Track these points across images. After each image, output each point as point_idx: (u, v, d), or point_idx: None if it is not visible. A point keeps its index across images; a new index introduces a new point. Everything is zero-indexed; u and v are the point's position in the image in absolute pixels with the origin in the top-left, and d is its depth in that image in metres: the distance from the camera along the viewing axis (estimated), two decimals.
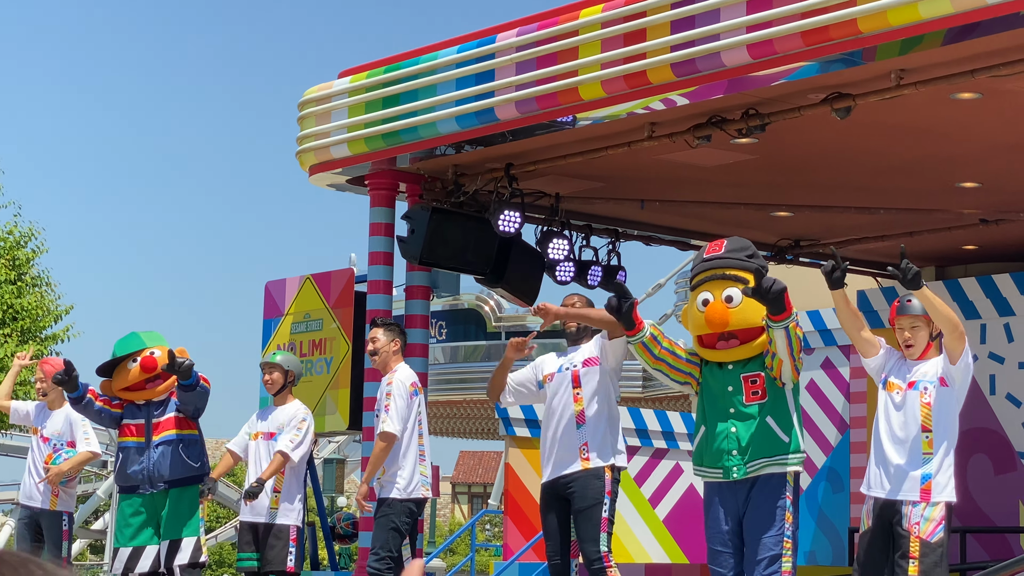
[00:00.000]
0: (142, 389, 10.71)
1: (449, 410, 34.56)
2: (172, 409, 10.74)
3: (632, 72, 8.94)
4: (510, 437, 13.93)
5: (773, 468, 8.01)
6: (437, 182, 11.17)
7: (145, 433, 10.71)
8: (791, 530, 7.97)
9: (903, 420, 8.06)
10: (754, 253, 8.13)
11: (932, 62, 8.26)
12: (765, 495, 8.00)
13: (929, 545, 7.92)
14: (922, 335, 8.12)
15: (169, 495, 10.57)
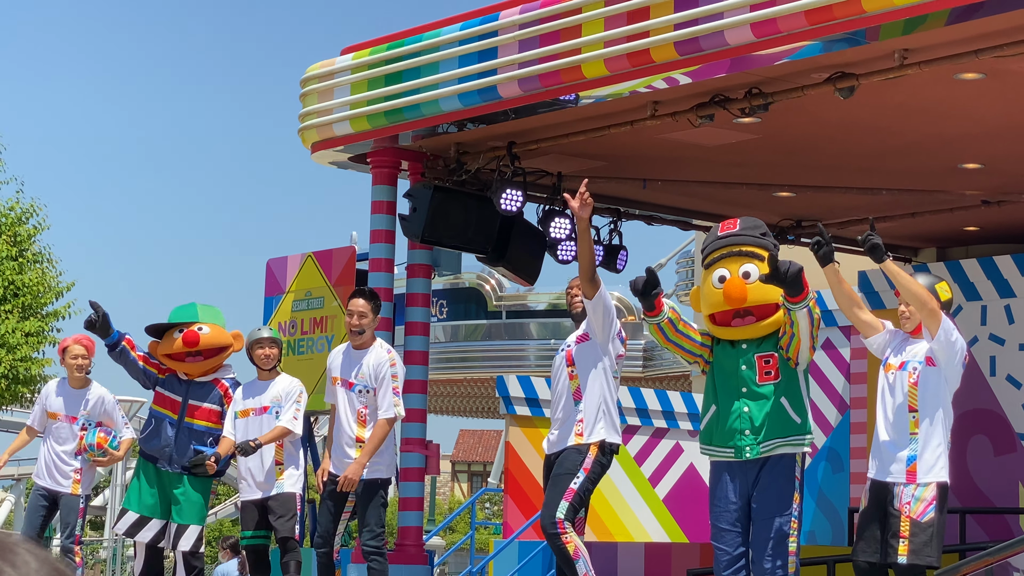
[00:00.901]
0: (182, 361, 10.84)
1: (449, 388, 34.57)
2: (214, 401, 10.79)
3: (635, 50, 8.93)
4: (510, 415, 13.95)
5: (786, 448, 8.05)
6: (439, 160, 11.16)
7: (179, 411, 10.78)
8: (798, 511, 8.00)
9: (893, 401, 8.17)
10: (767, 232, 8.21)
11: (936, 42, 8.24)
12: (775, 475, 8.04)
13: (919, 525, 8.02)
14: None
15: (184, 480, 10.67)
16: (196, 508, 10.74)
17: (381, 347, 9.72)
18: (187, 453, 10.66)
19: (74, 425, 11.72)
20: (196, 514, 10.73)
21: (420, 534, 11.28)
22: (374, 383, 9.60)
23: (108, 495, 40.79)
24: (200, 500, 10.77)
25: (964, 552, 11.41)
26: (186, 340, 10.72)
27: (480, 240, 11.26)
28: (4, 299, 24.09)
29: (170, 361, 10.88)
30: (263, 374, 10.70)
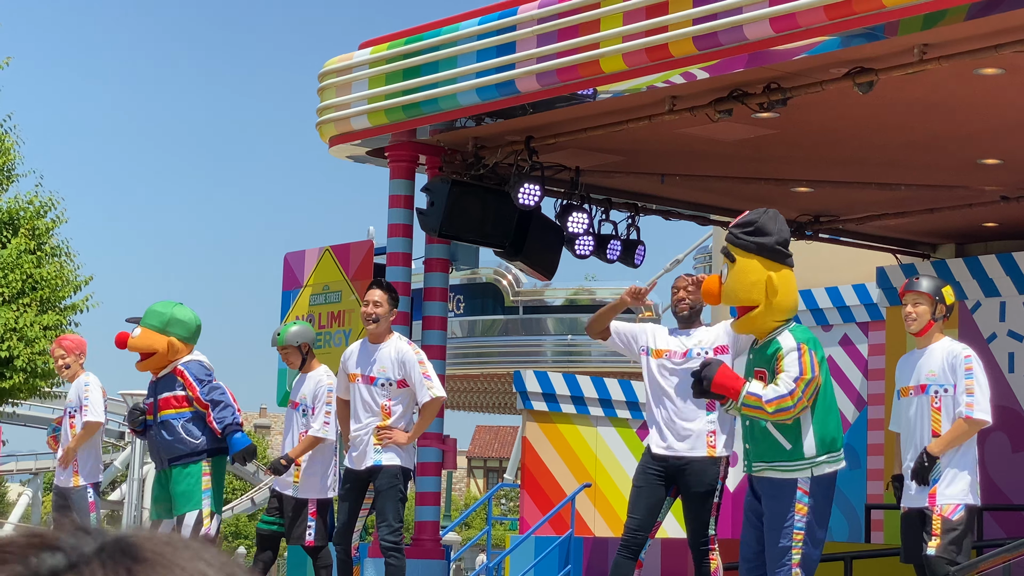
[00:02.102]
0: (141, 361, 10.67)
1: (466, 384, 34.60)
2: (172, 388, 10.63)
3: (654, 45, 8.91)
4: (527, 411, 13.95)
5: (773, 474, 8.02)
6: (457, 154, 11.16)
7: (153, 411, 10.75)
8: (803, 520, 7.93)
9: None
10: (757, 229, 8.02)
11: (955, 37, 8.22)
12: (770, 496, 8.06)
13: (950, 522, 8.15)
14: (923, 310, 8.34)
15: (172, 474, 10.54)
16: (186, 496, 10.56)
17: (400, 339, 9.67)
18: (170, 447, 10.47)
19: (65, 417, 11.82)
20: (188, 501, 10.54)
21: (437, 529, 11.29)
22: (398, 375, 9.51)
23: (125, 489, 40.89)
24: (187, 488, 10.50)
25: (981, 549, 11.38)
26: (117, 340, 10.65)
27: (498, 235, 11.25)
28: (22, 293, 24.14)
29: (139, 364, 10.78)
30: (301, 371, 10.79)
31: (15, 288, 23.96)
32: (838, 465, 8.04)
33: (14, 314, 23.84)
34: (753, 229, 8.04)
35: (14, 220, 24.77)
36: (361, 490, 9.59)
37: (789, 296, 8.08)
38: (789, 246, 8.20)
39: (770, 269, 8.02)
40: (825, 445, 7.97)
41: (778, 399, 7.80)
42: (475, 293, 32.33)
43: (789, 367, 7.85)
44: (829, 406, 8.05)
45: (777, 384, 7.83)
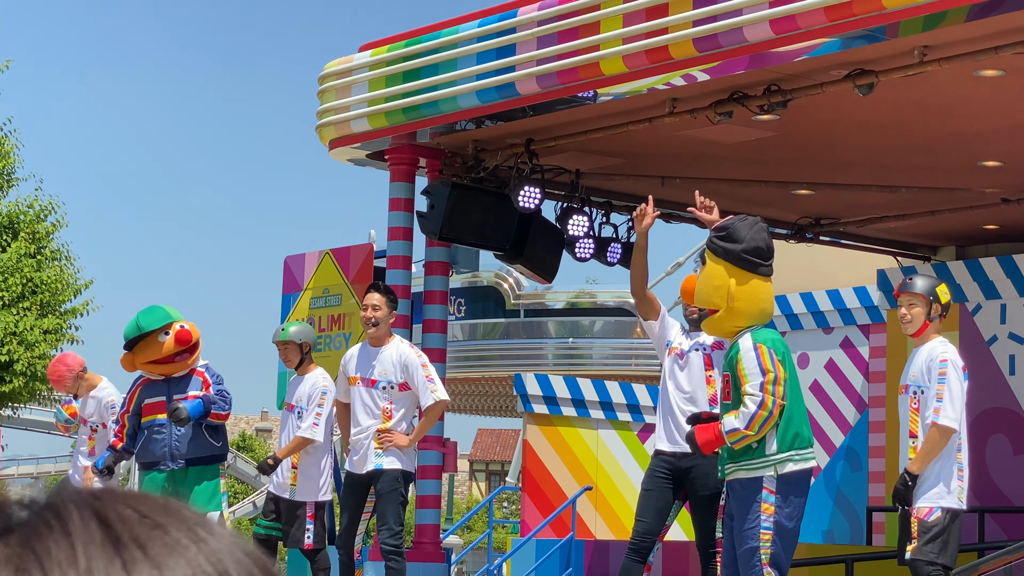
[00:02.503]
0: (170, 363, 10.68)
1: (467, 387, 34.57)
2: (195, 387, 10.71)
3: (654, 47, 8.90)
4: (528, 414, 13.93)
5: (741, 473, 8.04)
6: (457, 157, 11.15)
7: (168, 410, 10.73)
8: (770, 520, 7.93)
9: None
10: (728, 235, 8.13)
11: (955, 39, 8.21)
12: (737, 495, 8.06)
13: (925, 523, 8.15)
14: (918, 312, 8.33)
15: (189, 473, 10.60)
16: (205, 496, 10.64)
17: (401, 342, 9.65)
18: (189, 447, 10.51)
19: (84, 428, 11.83)
20: (209, 501, 10.63)
21: (437, 532, 11.28)
22: (400, 378, 9.50)
23: None
24: (208, 488, 10.63)
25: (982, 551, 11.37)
26: (180, 339, 10.60)
27: (498, 237, 11.24)
28: (22, 296, 24.13)
29: (154, 366, 10.67)
30: (298, 371, 10.78)
31: (15, 292, 23.95)
32: (806, 463, 8.01)
33: (14, 318, 23.83)
34: (725, 235, 8.17)
35: (14, 224, 24.76)
36: (362, 494, 9.58)
37: (752, 304, 8.12)
38: (765, 255, 8.19)
39: (732, 276, 8.11)
40: (787, 443, 7.97)
41: (754, 418, 7.88)
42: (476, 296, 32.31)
43: (750, 371, 7.92)
44: (793, 404, 8.05)
45: (745, 405, 7.91)
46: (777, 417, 7.91)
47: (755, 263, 8.14)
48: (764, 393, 7.85)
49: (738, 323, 8.15)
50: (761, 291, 8.18)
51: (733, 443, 7.94)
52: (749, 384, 7.91)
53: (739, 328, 8.15)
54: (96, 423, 11.82)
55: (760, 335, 8.08)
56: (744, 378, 7.95)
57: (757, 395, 7.87)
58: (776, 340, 8.12)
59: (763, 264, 8.18)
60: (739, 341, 8.06)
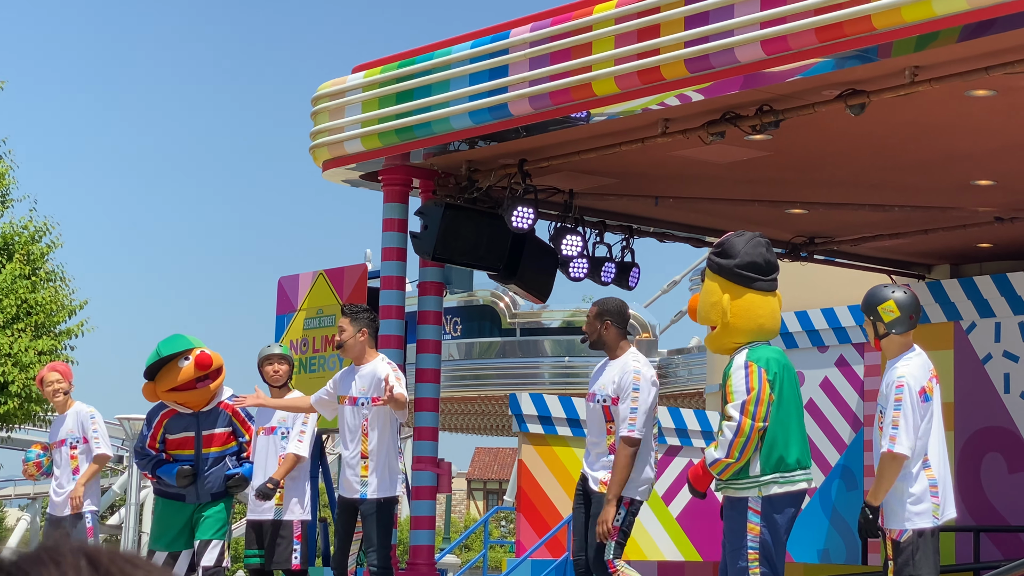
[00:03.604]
0: (191, 389, 10.69)
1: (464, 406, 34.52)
2: (224, 423, 10.81)
3: (646, 68, 8.91)
4: (523, 434, 13.93)
5: (730, 491, 8.08)
6: (450, 178, 11.15)
7: (196, 446, 10.75)
8: (757, 540, 7.94)
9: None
10: (723, 251, 8.22)
11: (947, 59, 8.21)
12: (727, 514, 8.12)
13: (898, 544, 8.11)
14: (870, 332, 8.35)
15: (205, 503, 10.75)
16: (218, 524, 10.74)
17: (382, 360, 9.80)
18: (216, 481, 10.68)
19: (63, 448, 11.77)
20: (218, 530, 10.72)
21: (432, 552, 11.26)
22: (373, 392, 9.67)
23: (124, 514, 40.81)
24: (223, 517, 10.77)
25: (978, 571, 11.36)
26: (200, 363, 10.65)
27: (491, 258, 11.24)
28: (17, 318, 24.13)
29: (175, 394, 10.72)
30: (274, 391, 10.70)
31: (10, 313, 23.95)
32: (793, 486, 7.98)
33: (9, 339, 23.83)
34: (720, 251, 8.24)
35: (9, 245, 24.77)
36: (352, 515, 9.72)
37: (748, 320, 8.13)
38: (763, 269, 8.20)
39: (727, 291, 8.15)
40: (772, 465, 7.95)
41: (732, 445, 7.91)
42: (472, 315, 32.29)
43: (736, 389, 7.97)
44: (783, 426, 8.02)
45: (722, 432, 7.94)
46: (757, 439, 7.91)
47: (750, 278, 8.14)
48: (743, 415, 7.87)
49: (735, 339, 8.14)
50: (758, 306, 8.16)
51: (719, 473, 7.97)
52: (731, 404, 7.95)
53: (737, 344, 8.15)
54: (77, 438, 11.79)
55: (756, 353, 8.07)
56: (730, 395, 7.99)
57: (734, 420, 7.90)
58: (773, 360, 8.09)
59: (760, 279, 8.17)
60: (734, 358, 8.09)
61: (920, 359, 8.14)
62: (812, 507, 14.05)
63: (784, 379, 8.07)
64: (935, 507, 8.07)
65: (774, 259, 8.34)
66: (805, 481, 8.11)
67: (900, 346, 8.20)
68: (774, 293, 8.30)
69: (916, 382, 8.04)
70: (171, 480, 10.69)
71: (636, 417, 8.86)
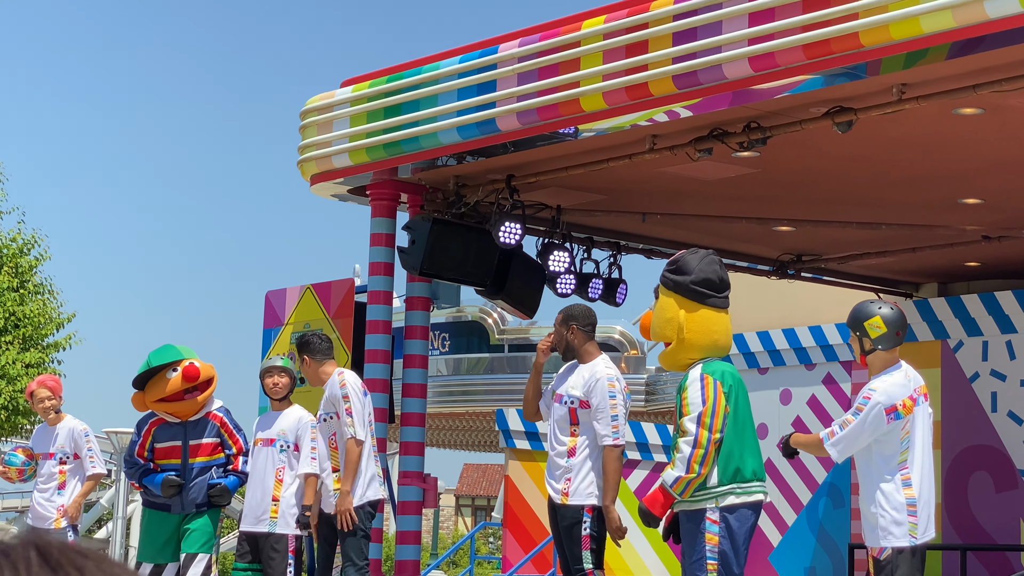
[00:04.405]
0: (180, 400, 10.74)
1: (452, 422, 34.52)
2: (212, 434, 10.80)
3: (634, 84, 8.91)
4: (510, 449, 13.92)
5: (685, 505, 8.11)
6: (438, 193, 11.15)
7: (182, 455, 10.75)
8: (716, 551, 7.95)
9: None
10: (678, 268, 8.29)
11: (935, 77, 8.22)
12: (684, 527, 8.17)
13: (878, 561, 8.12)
14: (856, 348, 8.40)
15: (192, 515, 10.71)
16: (204, 537, 10.72)
17: (339, 374, 9.85)
18: (200, 492, 10.69)
19: (51, 461, 11.73)
20: (205, 543, 10.70)
21: (418, 568, 11.23)
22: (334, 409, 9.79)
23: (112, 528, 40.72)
24: (209, 530, 10.75)
25: None
26: (187, 375, 10.67)
27: (479, 273, 11.24)
28: (5, 330, 24.09)
29: (164, 405, 10.78)
30: (274, 404, 10.75)
31: None
32: (749, 497, 8.01)
33: None
34: (675, 268, 8.29)
35: None
36: (333, 528, 9.75)
37: (702, 336, 8.17)
38: (716, 286, 8.24)
39: (683, 307, 8.20)
40: (729, 476, 7.97)
41: (691, 459, 7.92)
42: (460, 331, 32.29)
43: (692, 401, 8.01)
44: (739, 438, 8.04)
45: (679, 449, 7.97)
46: (715, 450, 7.94)
47: (705, 294, 8.21)
48: (699, 427, 7.91)
49: (690, 355, 8.22)
50: (712, 322, 8.22)
51: (681, 492, 7.97)
52: (687, 417, 7.99)
53: (692, 360, 8.22)
54: (68, 453, 11.76)
55: (710, 366, 8.13)
56: (685, 408, 8.04)
57: (690, 434, 7.93)
58: (727, 372, 8.14)
59: (714, 296, 8.24)
60: (689, 372, 8.13)
61: (901, 376, 8.21)
62: (799, 525, 14.04)
63: (739, 393, 8.12)
64: (912, 526, 8.09)
65: (727, 276, 8.43)
66: (761, 493, 8.13)
67: (885, 362, 8.26)
68: (726, 310, 8.36)
69: (888, 399, 8.10)
70: (156, 490, 10.67)
71: (618, 424, 8.86)
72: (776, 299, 15.37)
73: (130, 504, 35.34)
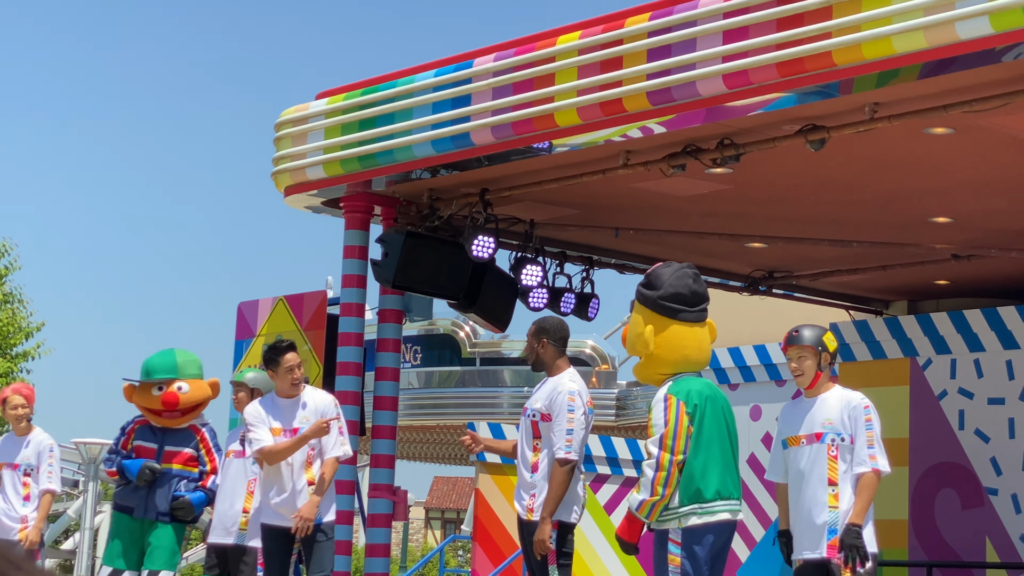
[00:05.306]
0: (159, 416, 10.82)
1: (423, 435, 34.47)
2: (192, 446, 10.79)
3: (608, 100, 8.95)
4: (480, 463, 13.93)
5: (654, 525, 8.12)
6: (412, 206, 11.17)
7: (156, 459, 10.76)
8: (679, 571, 7.96)
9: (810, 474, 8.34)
10: (648, 282, 8.33)
11: (906, 96, 8.29)
12: (654, 546, 8.14)
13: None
14: (809, 364, 8.35)
15: (158, 527, 10.65)
16: (167, 554, 10.69)
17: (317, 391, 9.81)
18: (164, 500, 10.64)
19: (16, 472, 11.68)
20: (167, 560, 10.68)
21: None
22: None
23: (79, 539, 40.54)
24: (173, 546, 10.72)
25: None
26: (165, 402, 10.71)
27: (451, 286, 11.26)
28: None
29: (147, 412, 10.88)
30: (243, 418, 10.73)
31: None
32: (712, 517, 8.00)
33: None
34: (646, 282, 8.34)
35: None
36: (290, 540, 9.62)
37: (672, 351, 8.19)
38: (688, 300, 8.25)
39: (651, 322, 8.23)
40: (690, 496, 7.98)
41: (654, 482, 7.95)
42: (432, 344, 32.28)
43: (656, 423, 8.07)
44: (702, 458, 8.04)
45: (643, 473, 8.03)
46: (678, 472, 7.95)
47: (675, 309, 8.21)
48: (661, 450, 7.93)
49: (660, 370, 8.22)
50: (683, 337, 8.22)
51: (647, 515, 7.99)
52: (651, 440, 8.03)
53: (663, 375, 8.23)
54: (32, 466, 11.71)
55: (677, 385, 8.12)
56: (650, 430, 8.08)
57: (652, 456, 7.96)
58: (695, 391, 8.11)
59: (686, 310, 8.23)
60: (659, 390, 8.16)
61: None
62: (767, 541, 14.08)
63: (706, 411, 8.09)
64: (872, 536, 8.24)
65: (702, 290, 8.38)
66: (727, 512, 8.07)
67: (828, 380, 8.48)
68: (703, 324, 8.32)
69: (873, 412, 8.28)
70: (132, 475, 10.65)
71: (572, 439, 8.78)
72: (748, 315, 15.44)
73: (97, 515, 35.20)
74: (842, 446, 8.18)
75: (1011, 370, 12.53)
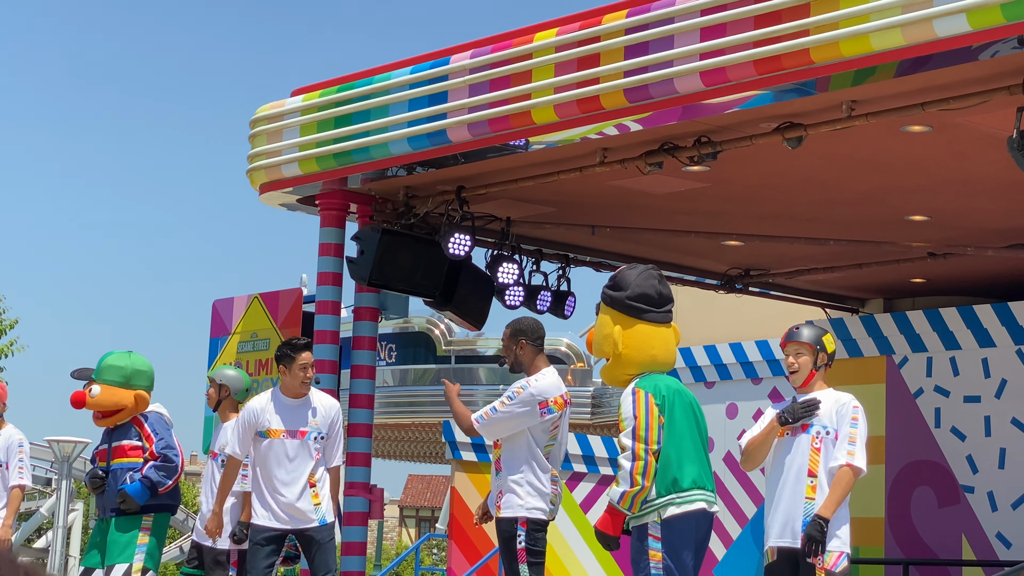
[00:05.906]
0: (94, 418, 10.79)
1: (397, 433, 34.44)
2: (128, 436, 10.70)
3: (585, 97, 8.92)
4: (456, 461, 13.90)
5: (633, 520, 8.16)
6: (388, 203, 11.13)
7: (107, 458, 10.71)
8: (660, 567, 7.95)
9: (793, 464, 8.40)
10: (615, 284, 8.36)
11: (883, 94, 8.28)
12: (632, 543, 8.17)
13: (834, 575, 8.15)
14: (805, 361, 8.46)
15: (111, 523, 10.55)
16: (119, 547, 10.57)
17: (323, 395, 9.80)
18: (111, 496, 10.56)
19: None
20: (120, 553, 10.55)
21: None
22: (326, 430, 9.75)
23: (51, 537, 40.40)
24: (123, 539, 10.57)
25: None
26: (72, 400, 10.64)
27: (427, 284, 11.23)
28: None
29: None
30: (219, 416, 10.75)
31: None
32: (691, 506, 8.01)
33: None
34: (612, 284, 8.38)
35: None
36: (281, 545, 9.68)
37: (639, 351, 8.21)
38: (654, 301, 8.27)
39: (619, 323, 8.25)
40: (667, 486, 7.99)
41: (632, 472, 7.95)
42: (407, 342, 32.24)
43: (625, 416, 8.06)
44: (676, 448, 8.05)
45: (620, 466, 8.03)
46: (655, 461, 7.97)
47: (641, 309, 8.23)
48: (635, 441, 7.93)
49: (627, 371, 8.24)
50: (650, 337, 8.24)
51: (629, 506, 7.98)
52: (623, 433, 8.04)
53: (630, 376, 8.24)
54: (2, 461, 11.67)
55: (644, 381, 8.15)
56: (621, 424, 8.10)
57: (628, 448, 7.96)
58: (660, 386, 8.14)
59: (652, 311, 8.26)
60: (625, 389, 8.18)
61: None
62: (745, 537, 14.09)
63: (675, 403, 8.12)
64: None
65: (667, 291, 8.41)
66: (704, 501, 8.07)
67: (823, 379, 8.57)
68: (668, 325, 8.37)
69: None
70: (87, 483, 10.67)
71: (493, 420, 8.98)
72: (723, 314, 15.43)
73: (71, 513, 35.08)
74: (826, 439, 8.30)
75: (987, 368, 12.55)
